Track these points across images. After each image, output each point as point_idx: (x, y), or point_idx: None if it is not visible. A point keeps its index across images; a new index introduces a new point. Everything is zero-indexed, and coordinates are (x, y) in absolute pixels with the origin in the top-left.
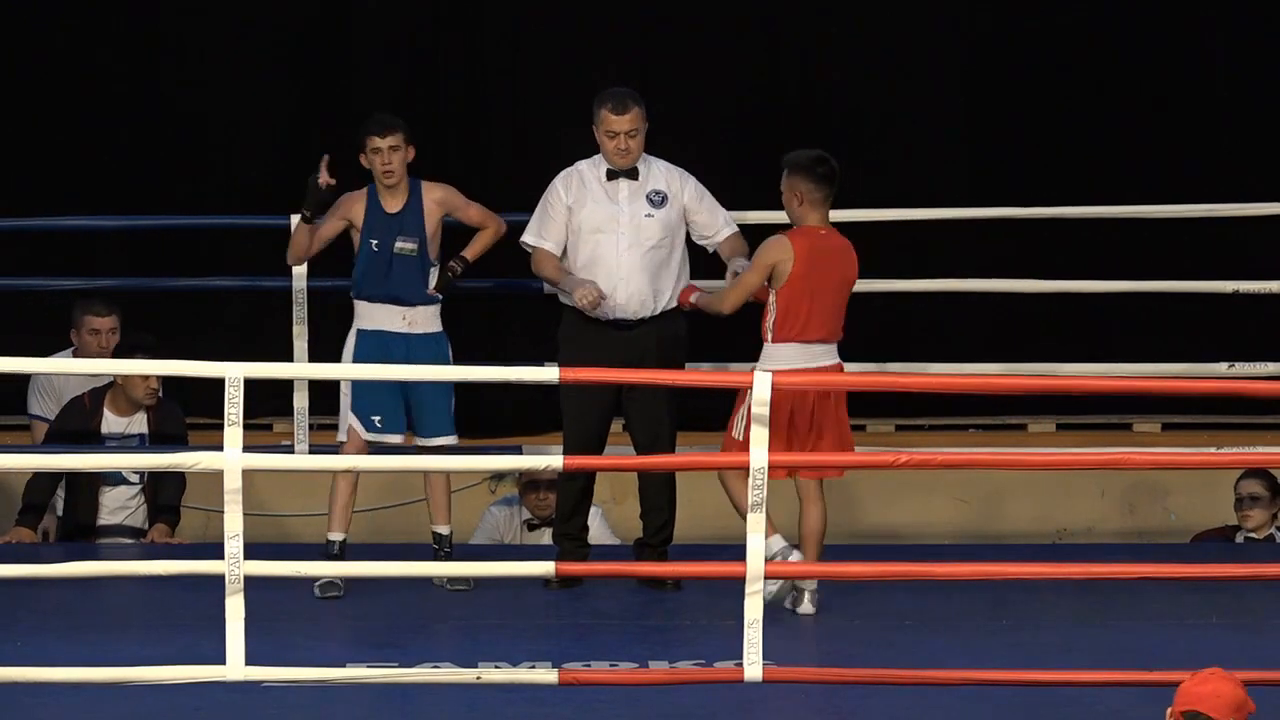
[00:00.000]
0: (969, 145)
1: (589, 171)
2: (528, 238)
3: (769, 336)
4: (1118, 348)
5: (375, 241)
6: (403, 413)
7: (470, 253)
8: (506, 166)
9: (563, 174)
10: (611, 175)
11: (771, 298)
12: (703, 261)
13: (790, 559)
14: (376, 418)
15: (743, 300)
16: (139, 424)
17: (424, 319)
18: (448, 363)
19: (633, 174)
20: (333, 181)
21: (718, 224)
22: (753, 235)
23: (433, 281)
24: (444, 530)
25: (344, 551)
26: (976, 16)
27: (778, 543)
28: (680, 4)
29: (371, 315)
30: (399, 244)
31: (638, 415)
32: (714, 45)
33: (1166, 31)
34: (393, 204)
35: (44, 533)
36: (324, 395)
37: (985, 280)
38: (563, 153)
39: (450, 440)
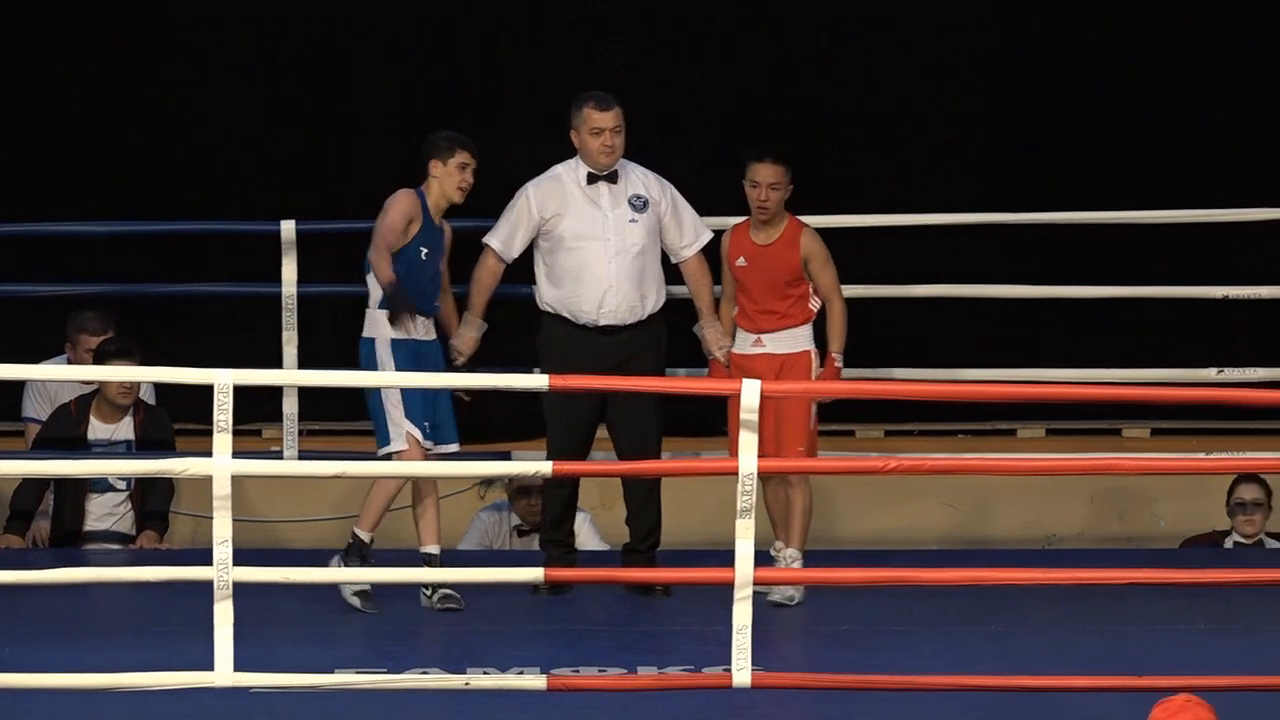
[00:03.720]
0: (960, 151)
1: (568, 176)
2: (493, 240)
3: (813, 315)
4: (1108, 353)
5: (425, 250)
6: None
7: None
8: (485, 171)
9: (536, 182)
10: (592, 179)
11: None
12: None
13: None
14: (427, 423)
15: None
16: (125, 430)
17: (433, 327)
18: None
19: (612, 178)
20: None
21: (686, 240)
22: None
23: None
24: (434, 550)
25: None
26: (978, 29)
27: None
28: (692, 4)
29: (404, 324)
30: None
31: (623, 421)
32: (711, 47)
33: (1161, 39)
34: (437, 217)
35: (33, 539)
36: (313, 401)
37: (974, 286)
38: (541, 159)
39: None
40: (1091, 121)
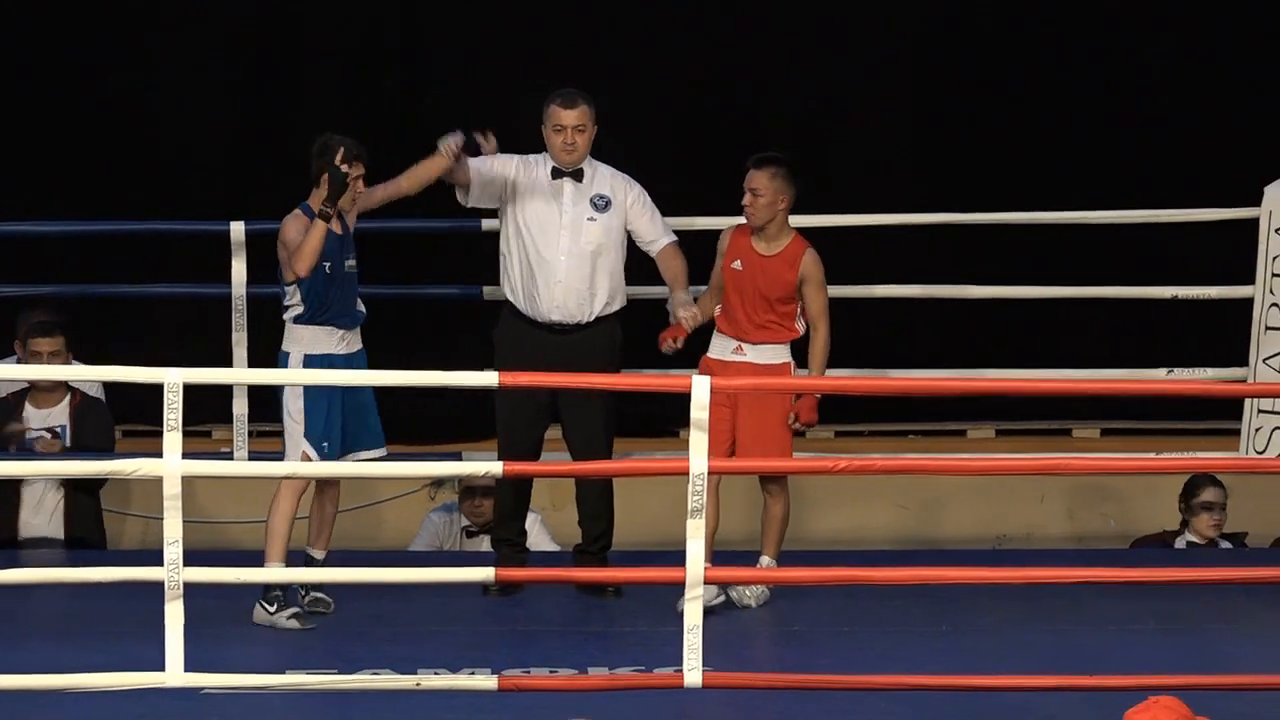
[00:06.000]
0: (913, 151)
1: (541, 166)
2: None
3: (798, 334)
4: (1057, 353)
5: (329, 264)
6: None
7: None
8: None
9: (527, 156)
10: (557, 174)
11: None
12: (645, 267)
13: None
14: (326, 443)
15: None
16: (60, 416)
17: (356, 339)
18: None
19: (577, 175)
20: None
21: (657, 233)
22: (700, 242)
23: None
24: (320, 556)
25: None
26: (922, 24)
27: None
28: (630, 6)
29: (316, 339)
30: (349, 263)
31: (573, 421)
32: (662, 48)
33: (1107, 38)
34: (338, 225)
35: None
36: (263, 402)
37: (925, 286)
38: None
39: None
40: (1040, 121)
